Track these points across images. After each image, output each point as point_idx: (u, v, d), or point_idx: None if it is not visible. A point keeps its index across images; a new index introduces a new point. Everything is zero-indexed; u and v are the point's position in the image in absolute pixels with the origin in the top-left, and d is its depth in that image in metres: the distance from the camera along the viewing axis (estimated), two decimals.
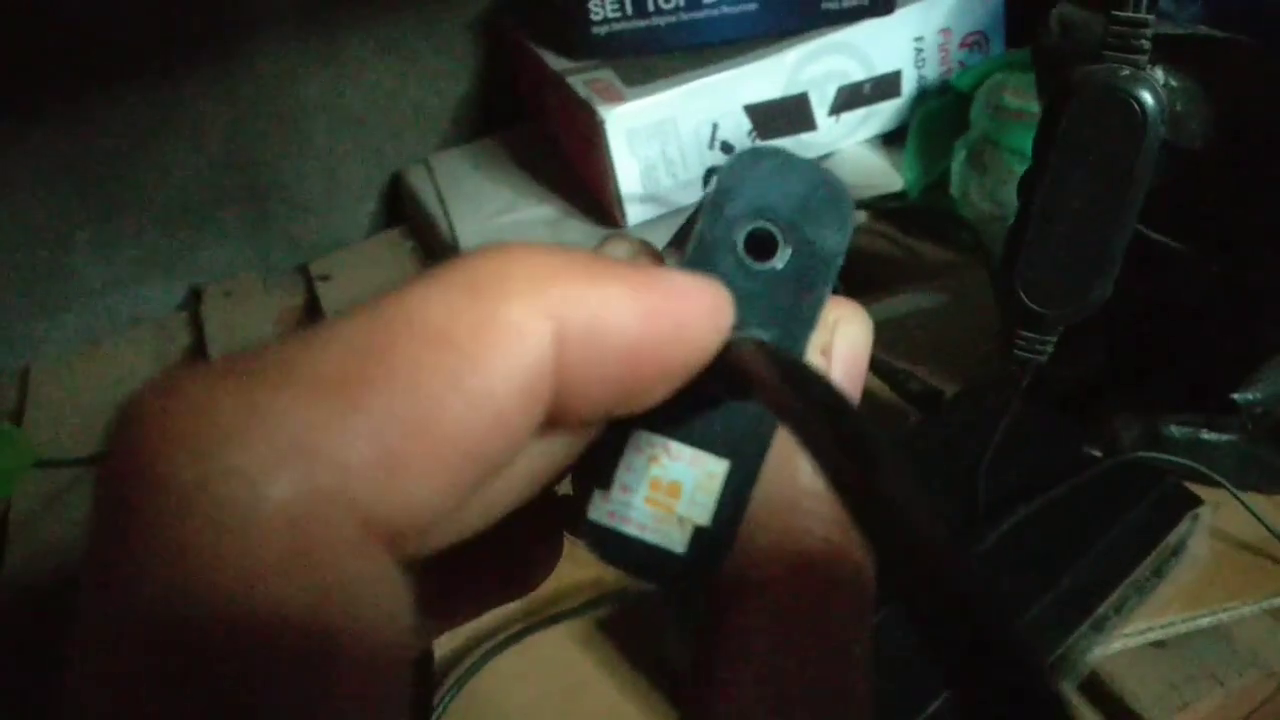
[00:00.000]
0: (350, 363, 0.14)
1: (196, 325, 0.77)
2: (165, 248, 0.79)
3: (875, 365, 0.59)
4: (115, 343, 0.76)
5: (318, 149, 0.81)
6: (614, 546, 0.17)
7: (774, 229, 0.17)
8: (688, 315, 0.16)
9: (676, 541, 0.17)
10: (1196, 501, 0.48)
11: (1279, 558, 0.51)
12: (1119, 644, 0.48)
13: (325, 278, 0.79)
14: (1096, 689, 0.48)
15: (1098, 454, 0.51)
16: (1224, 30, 0.47)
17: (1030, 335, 0.31)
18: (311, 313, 0.78)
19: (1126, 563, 0.46)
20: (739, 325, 0.16)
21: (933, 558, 0.12)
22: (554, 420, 0.15)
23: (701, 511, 0.17)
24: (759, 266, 0.17)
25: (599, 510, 0.17)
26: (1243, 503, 0.51)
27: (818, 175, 0.17)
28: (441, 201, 0.78)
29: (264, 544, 0.12)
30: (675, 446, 0.17)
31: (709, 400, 0.17)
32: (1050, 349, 0.32)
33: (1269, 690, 0.50)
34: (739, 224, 0.17)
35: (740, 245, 0.17)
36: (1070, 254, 0.29)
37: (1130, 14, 0.28)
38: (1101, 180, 0.29)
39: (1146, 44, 0.28)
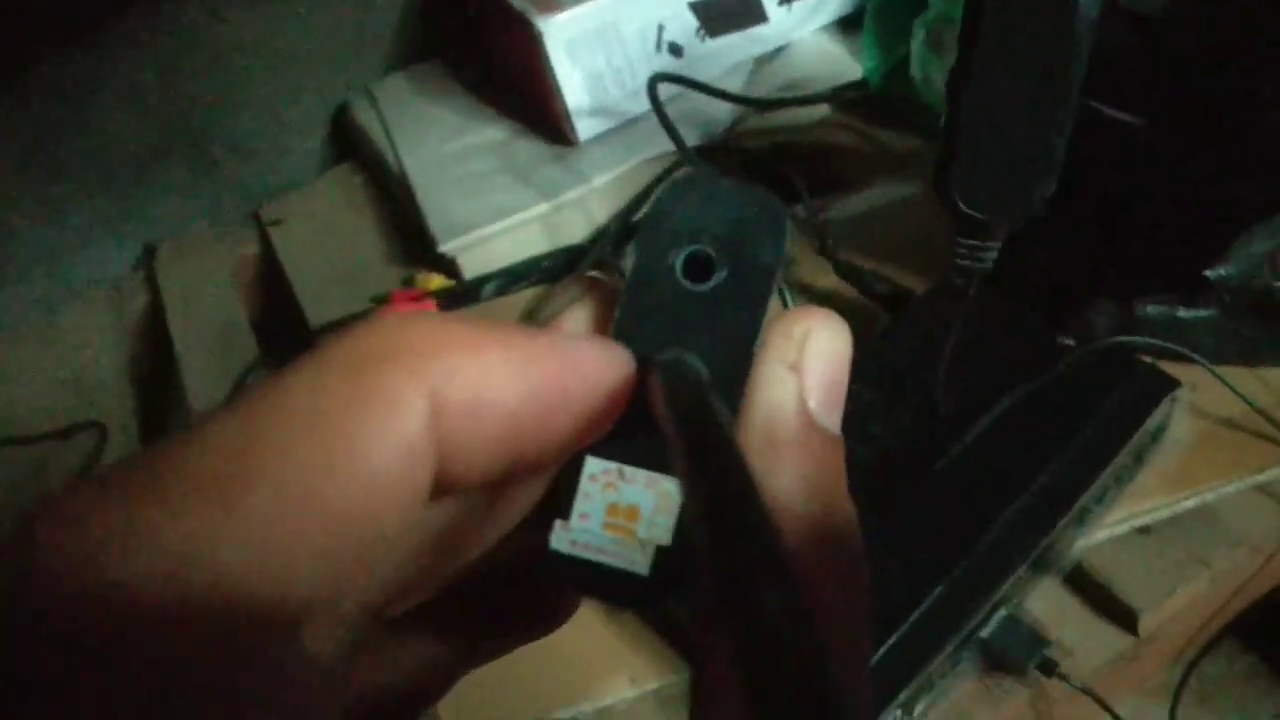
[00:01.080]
0: (222, 463, 0.14)
1: (152, 284, 0.75)
2: (112, 207, 0.77)
3: (842, 267, 0.57)
4: (70, 309, 0.75)
5: (256, 88, 0.78)
6: (579, 574, 0.17)
7: (710, 250, 0.17)
8: (571, 378, 0.16)
9: (640, 564, 0.17)
10: (1174, 384, 0.47)
11: (1262, 432, 0.50)
12: (1104, 533, 0.48)
13: (277, 222, 0.77)
14: (1083, 580, 0.47)
15: (1071, 343, 0.49)
16: None
17: (972, 243, 0.30)
18: (267, 259, 0.76)
19: (1105, 453, 0.45)
20: (674, 349, 0.17)
21: (776, 653, 0.11)
22: (445, 487, 0.16)
23: (662, 532, 0.17)
24: (697, 288, 0.17)
25: (561, 540, 0.17)
26: (1221, 379, 0.49)
27: (751, 196, 0.17)
28: (387, 132, 0.75)
29: (150, 648, 0.13)
30: (629, 470, 0.17)
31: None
32: (994, 255, 0.30)
33: (1256, 565, 0.50)
34: (675, 247, 0.17)
35: (678, 268, 0.17)
36: (1006, 155, 0.27)
37: None
38: (1033, 72, 0.26)
39: None
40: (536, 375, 0.16)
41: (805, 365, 0.18)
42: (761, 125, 0.69)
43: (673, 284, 0.18)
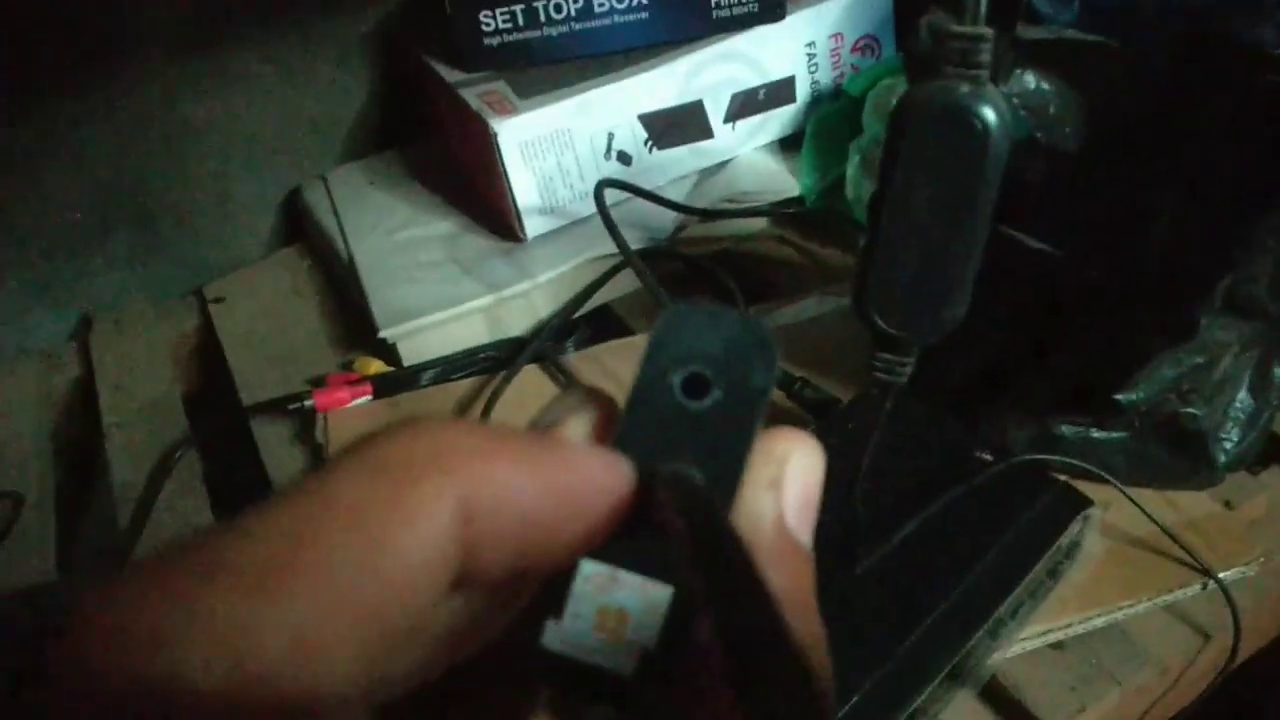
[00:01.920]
0: (271, 554, 0.15)
1: (85, 356, 0.74)
2: (51, 276, 0.76)
3: None
4: None
5: (209, 168, 0.79)
6: (566, 672, 0.18)
7: (706, 371, 0.19)
8: (579, 486, 0.18)
9: (625, 665, 0.18)
10: (1087, 502, 0.48)
11: (1170, 553, 0.51)
12: (1017, 647, 0.48)
13: (219, 300, 0.77)
14: (996, 694, 0.48)
15: (988, 457, 0.51)
16: (1098, 33, 0.48)
17: (888, 357, 0.31)
18: (206, 337, 0.75)
19: (1020, 567, 0.46)
20: (674, 463, 0.18)
21: None
22: (463, 581, 0.17)
23: (648, 635, 0.18)
24: (693, 406, 0.19)
25: (551, 638, 0.18)
26: (1133, 500, 0.51)
27: (744, 323, 0.19)
28: (338, 219, 0.76)
29: None
30: (622, 575, 0.18)
31: (653, 527, 0.18)
32: (910, 369, 0.31)
33: (1165, 686, 0.51)
34: (674, 369, 0.19)
35: (676, 388, 0.19)
36: (920, 276, 0.29)
37: (967, 28, 0.27)
38: (945, 201, 0.28)
39: (985, 58, 0.28)
40: (549, 482, 0.17)
41: (784, 484, 0.19)
42: (703, 234, 0.72)
43: (671, 402, 0.19)
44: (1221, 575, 0.50)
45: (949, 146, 0.28)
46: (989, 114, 0.28)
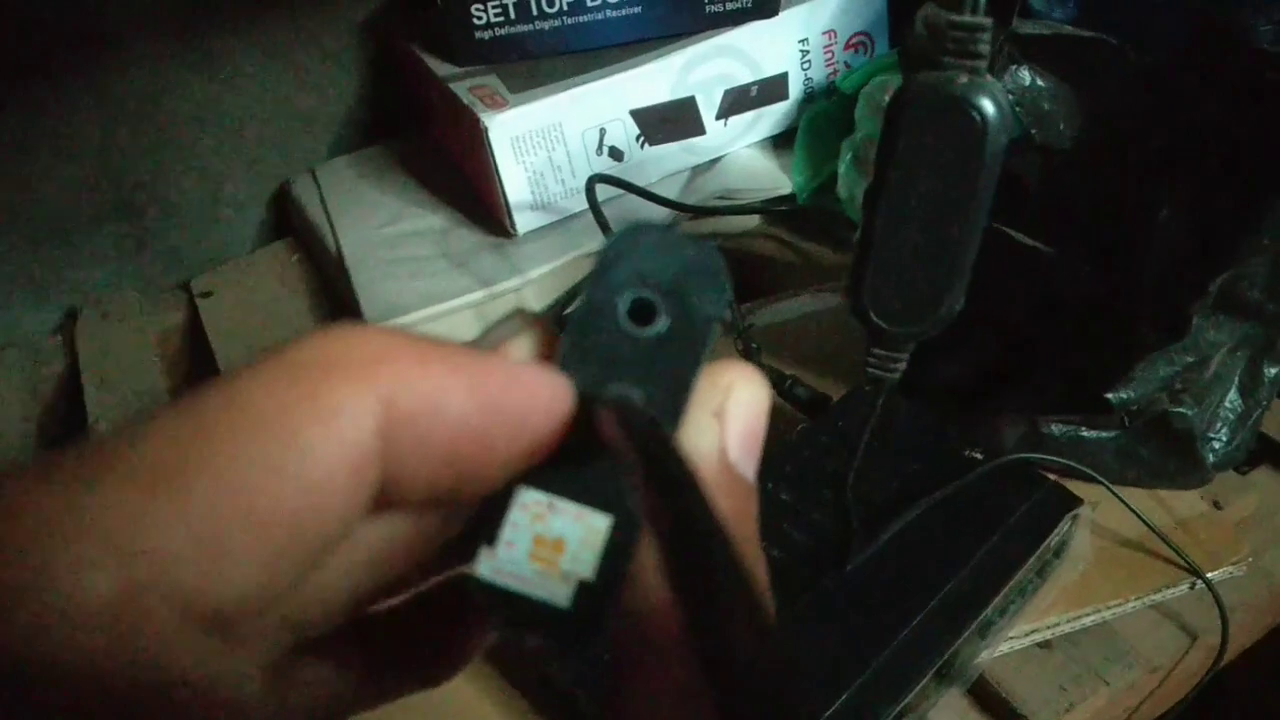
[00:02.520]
0: (169, 452, 0.14)
1: (71, 349, 0.73)
2: (36, 267, 0.76)
3: (763, 373, 0.58)
4: None
5: (198, 160, 0.78)
6: (499, 602, 0.17)
7: (654, 297, 0.18)
8: (520, 405, 0.17)
9: (561, 596, 0.17)
10: (1076, 501, 0.48)
11: (1159, 553, 0.51)
12: (1006, 646, 0.48)
13: (207, 294, 0.76)
14: (985, 693, 0.48)
15: (979, 456, 0.51)
16: (1096, 30, 0.48)
17: (882, 353, 0.31)
18: (193, 331, 0.75)
19: (1008, 566, 0.46)
20: (619, 386, 0.18)
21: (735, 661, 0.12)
22: (387, 500, 0.16)
23: (585, 567, 0.17)
24: (640, 332, 0.18)
25: (485, 566, 0.17)
26: (1121, 500, 0.51)
27: (696, 248, 0.18)
28: (327, 213, 0.76)
29: (87, 636, 0.13)
30: (559, 503, 0.18)
31: (593, 455, 0.17)
32: (904, 365, 0.31)
33: (1153, 685, 0.51)
34: (621, 292, 0.18)
35: (622, 312, 0.18)
36: (916, 270, 0.29)
37: (966, 18, 0.27)
38: (943, 193, 0.28)
39: (985, 48, 0.28)
40: (484, 392, 0.16)
41: (727, 414, 0.18)
42: (694, 231, 0.71)
43: (616, 326, 0.18)
44: (1210, 575, 0.50)
45: (947, 137, 0.28)
46: (988, 105, 0.27)
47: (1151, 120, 0.44)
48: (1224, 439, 0.53)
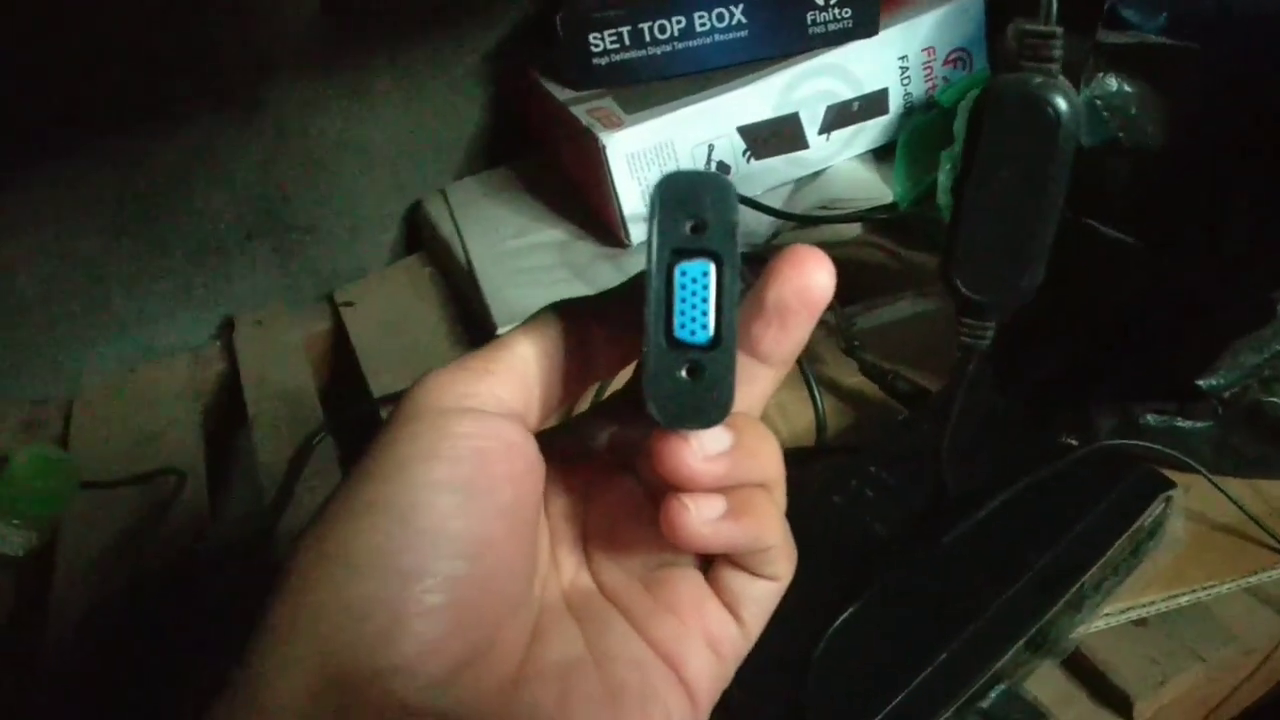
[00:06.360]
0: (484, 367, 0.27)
1: (230, 353, 0.81)
2: (198, 281, 0.84)
3: (866, 367, 0.62)
4: (153, 371, 0.81)
5: (341, 183, 0.86)
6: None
7: (704, 216, 0.25)
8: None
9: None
10: (1169, 485, 0.50)
11: (1255, 538, 0.53)
12: (1101, 623, 0.50)
13: (349, 304, 0.84)
14: (1080, 665, 0.50)
15: (1076, 443, 0.53)
16: (1187, 40, 0.50)
17: (971, 322, 0.34)
18: (337, 337, 0.82)
19: (1101, 542, 0.48)
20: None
21: None
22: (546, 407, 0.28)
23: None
24: (698, 240, 0.25)
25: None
26: (1217, 486, 0.53)
27: (714, 178, 0.25)
28: (457, 228, 0.82)
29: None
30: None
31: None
32: (991, 334, 0.35)
33: (1250, 667, 0.52)
34: (682, 218, 0.25)
35: (687, 229, 0.25)
36: (999, 247, 0.32)
37: (1040, 27, 0.31)
38: (1021, 179, 0.31)
39: (1058, 53, 0.31)
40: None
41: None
42: (799, 239, 0.76)
43: (685, 236, 0.25)
44: None
45: (1025, 129, 0.31)
46: (1060, 101, 0.31)
47: (1231, 118, 0.47)
48: None
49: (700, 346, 0.25)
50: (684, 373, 0.25)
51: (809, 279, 0.26)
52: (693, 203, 0.25)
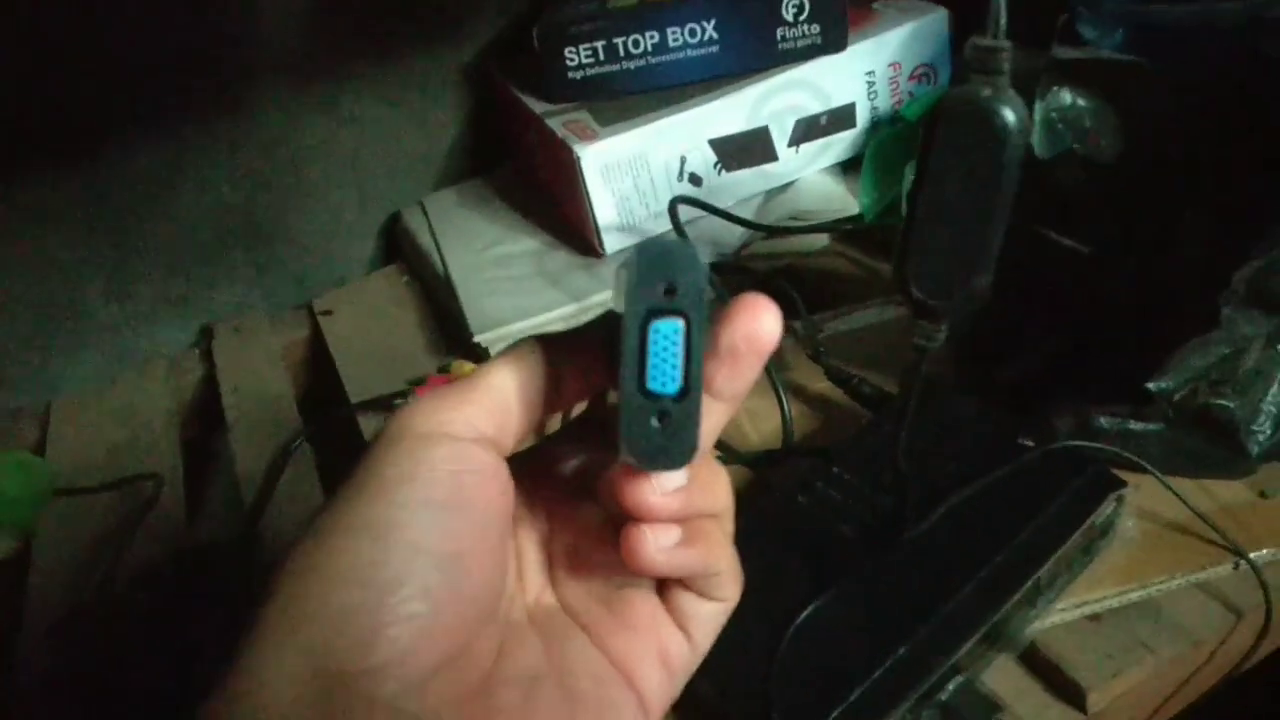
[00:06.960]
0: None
1: (208, 361, 0.82)
2: (177, 289, 0.84)
3: (832, 373, 0.63)
4: (130, 378, 0.81)
5: (319, 193, 0.87)
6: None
7: (675, 282, 0.27)
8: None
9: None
10: (1120, 484, 0.52)
11: (1203, 536, 0.54)
12: (1056, 618, 0.52)
13: (327, 313, 0.85)
14: (1036, 659, 0.51)
15: (1031, 444, 0.55)
16: (1143, 56, 0.53)
17: (924, 325, 0.36)
18: (315, 345, 0.83)
19: (1054, 540, 0.50)
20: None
21: None
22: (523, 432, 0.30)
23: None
24: (671, 302, 0.27)
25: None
26: (1167, 485, 0.55)
27: (684, 248, 0.27)
28: (434, 238, 0.84)
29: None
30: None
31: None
32: (943, 336, 0.36)
33: (1200, 660, 0.54)
34: (656, 283, 0.27)
35: (661, 293, 0.27)
36: (949, 252, 0.34)
37: (988, 40, 0.33)
38: (970, 187, 0.33)
39: (1005, 65, 0.33)
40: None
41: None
42: (768, 249, 0.77)
43: (660, 300, 0.27)
44: (1253, 555, 0.53)
45: (973, 140, 0.33)
46: (1007, 112, 0.33)
47: (1181, 130, 0.49)
48: (1267, 431, 0.56)
49: (670, 397, 0.27)
50: (655, 420, 0.27)
51: (756, 326, 0.28)
52: (666, 268, 0.27)
